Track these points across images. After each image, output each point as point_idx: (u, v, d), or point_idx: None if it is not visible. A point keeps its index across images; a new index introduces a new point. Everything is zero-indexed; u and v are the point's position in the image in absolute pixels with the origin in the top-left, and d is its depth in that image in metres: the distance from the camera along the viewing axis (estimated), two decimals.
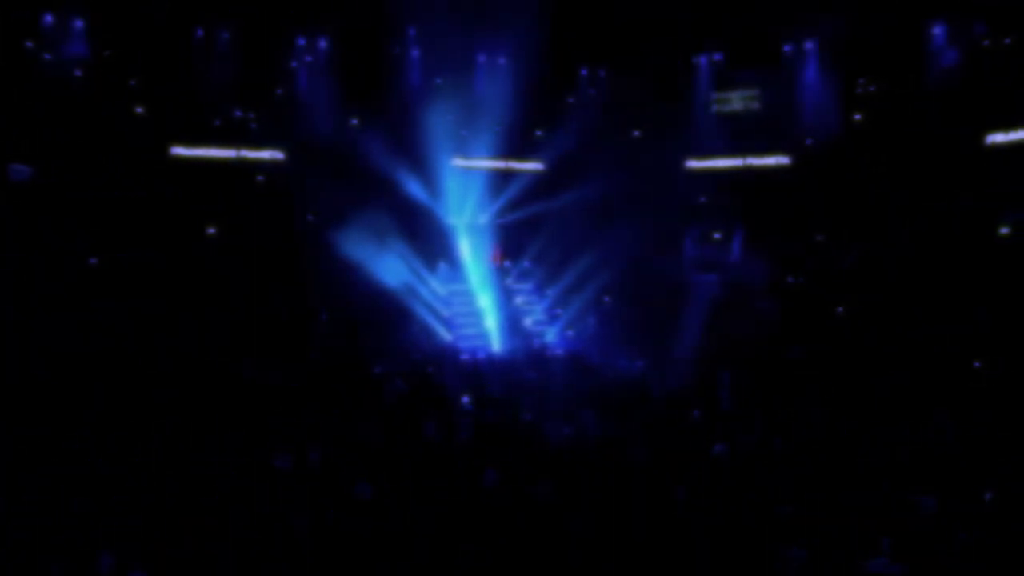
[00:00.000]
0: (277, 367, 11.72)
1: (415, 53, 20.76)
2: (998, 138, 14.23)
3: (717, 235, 17.24)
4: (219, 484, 7.01)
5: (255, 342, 13.20)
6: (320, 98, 19.96)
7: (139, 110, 17.90)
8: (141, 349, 12.49)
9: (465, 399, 9.21)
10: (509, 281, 16.52)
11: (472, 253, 17.34)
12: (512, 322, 15.36)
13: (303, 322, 14.84)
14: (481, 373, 11.41)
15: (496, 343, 14.54)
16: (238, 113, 20.02)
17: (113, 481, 6.75)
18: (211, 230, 17.57)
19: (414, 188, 18.03)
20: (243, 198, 18.00)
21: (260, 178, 18.48)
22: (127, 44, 17.41)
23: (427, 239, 17.21)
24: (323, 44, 20.83)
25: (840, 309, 12.92)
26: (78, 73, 17.10)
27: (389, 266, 15.52)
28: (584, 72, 20.90)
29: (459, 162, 18.46)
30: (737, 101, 18.29)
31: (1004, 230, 12.58)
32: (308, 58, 21.23)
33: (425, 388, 10.41)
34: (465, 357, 13.48)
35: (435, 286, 16.30)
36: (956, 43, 16.43)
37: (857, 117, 16.97)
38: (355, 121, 20.13)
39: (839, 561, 4.90)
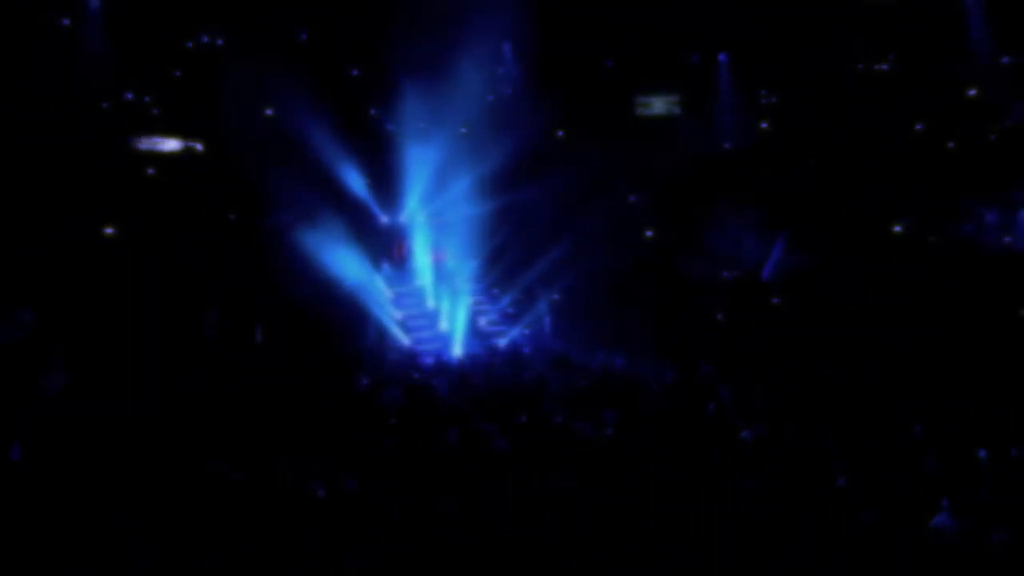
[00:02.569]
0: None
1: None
2: (880, 150, 16.97)
3: (649, 233, 18.60)
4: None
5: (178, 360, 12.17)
6: (230, 84, 18.67)
7: None
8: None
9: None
10: (457, 281, 16.57)
11: (416, 252, 17.17)
12: (467, 323, 15.46)
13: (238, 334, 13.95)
14: (468, 376, 11.49)
15: (457, 345, 14.58)
16: (129, 96, 18.08)
17: None
18: (109, 230, 15.80)
19: (349, 184, 17.45)
20: (149, 194, 16.30)
21: (169, 171, 16.81)
22: None
23: (368, 238, 16.73)
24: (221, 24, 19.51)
25: (776, 300, 14.75)
26: None
27: (332, 268, 14.94)
28: (501, 70, 21.35)
29: (394, 157, 18.14)
30: (659, 105, 19.81)
31: (897, 228, 15.13)
32: (205, 38, 19.78)
33: (422, 396, 10.30)
34: (431, 360, 13.45)
35: (382, 288, 15.93)
36: (837, 65, 19.24)
37: (764, 125, 19.27)
38: (270, 111, 19.14)
39: (905, 522, 5.90)
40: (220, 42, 19.82)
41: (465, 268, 16.59)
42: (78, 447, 8.16)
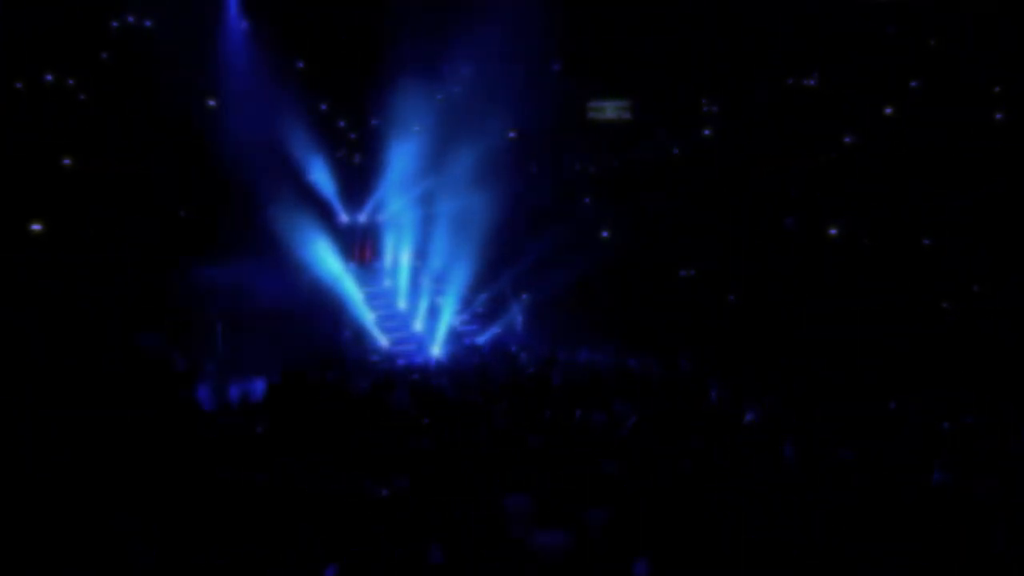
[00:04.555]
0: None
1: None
2: (811, 159, 19.22)
3: (605, 234, 19.86)
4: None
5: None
6: (163, 69, 18.05)
7: None
8: None
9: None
10: (423, 281, 16.97)
11: (381, 253, 17.36)
12: (445, 324, 15.92)
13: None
14: (465, 375, 12.02)
15: (437, 346, 15.02)
16: (49, 77, 17.02)
17: None
18: (36, 227, 14.96)
19: (304, 181, 17.38)
20: (85, 189, 15.47)
21: (97, 161, 16.01)
22: None
23: (329, 237, 16.74)
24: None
25: (732, 297, 16.40)
26: None
27: (302, 267, 14.97)
28: (445, 67, 21.89)
29: (352, 155, 18.24)
30: (611, 110, 21.13)
31: (833, 231, 17.29)
32: (131, 19, 19.08)
33: (433, 396, 10.73)
34: (419, 361, 13.87)
35: (354, 288, 16.05)
36: (767, 79, 21.42)
37: (707, 132, 21.10)
38: (212, 102, 18.69)
39: (909, 480, 7.21)
40: (148, 23, 19.17)
41: (434, 269, 17.00)
42: (78, 447, 7.98)
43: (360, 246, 17.47)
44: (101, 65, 17.62)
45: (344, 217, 17.65)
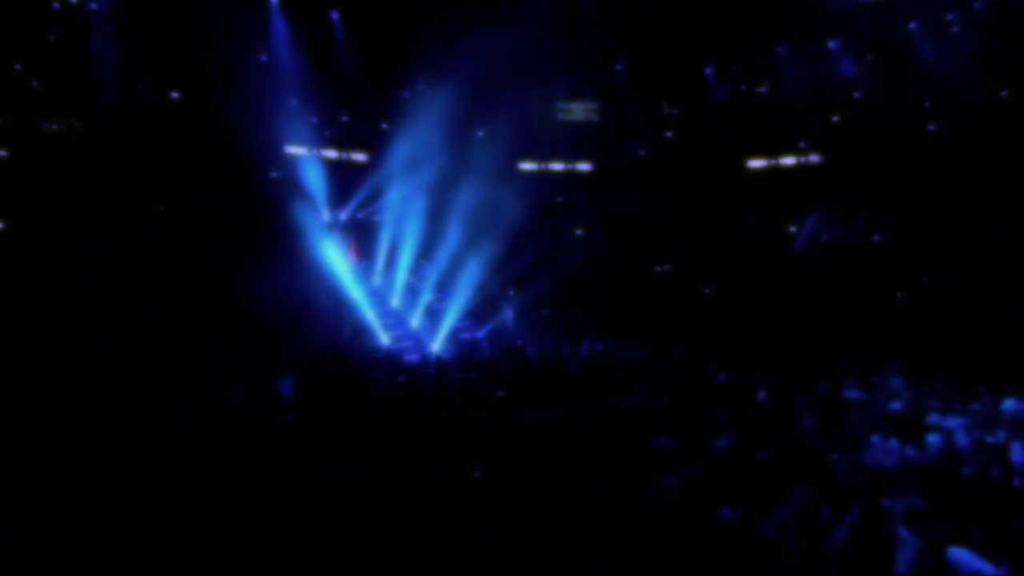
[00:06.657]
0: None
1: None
2: (769, 162, 21.37)
3: (580, 231, 21.14)
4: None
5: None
6: (122, 59, 17.79)
7: None
8: None
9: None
10: (412, 280, 17.55)
11: (370, 252, 17.77)
12: (436, 321, 16.59)
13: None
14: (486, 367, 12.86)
15: (439, 342, 15.70)
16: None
17: None
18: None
19: (283, 178, 17.53)
20: (38, 184, 15.07)
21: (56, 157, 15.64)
22: None
23: (322, 235, 16.97)
24: None
25: (708, 291, 18.09)
26: None
27: (292, 264, 15.23)
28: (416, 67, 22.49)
29: (301, 151, 18.54)
30: (579, 112, 22.43)
31: (792, 228, 19.39)
32: (93, 5, 18.71)
33: (466, 389, 11.51)
34: (416, 357, 14.52)
35: (353, 286, 16.40)
36: (723, 83, 23.41)
37: (669, 134, 22.82)
38: (176, 95, 18.49)
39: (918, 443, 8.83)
40: (93, 6, 18.72)
41: (425, 268, 17.60)
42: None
43: (347, 245, 17.78)
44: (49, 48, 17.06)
45: (327, 215, 17.91)
